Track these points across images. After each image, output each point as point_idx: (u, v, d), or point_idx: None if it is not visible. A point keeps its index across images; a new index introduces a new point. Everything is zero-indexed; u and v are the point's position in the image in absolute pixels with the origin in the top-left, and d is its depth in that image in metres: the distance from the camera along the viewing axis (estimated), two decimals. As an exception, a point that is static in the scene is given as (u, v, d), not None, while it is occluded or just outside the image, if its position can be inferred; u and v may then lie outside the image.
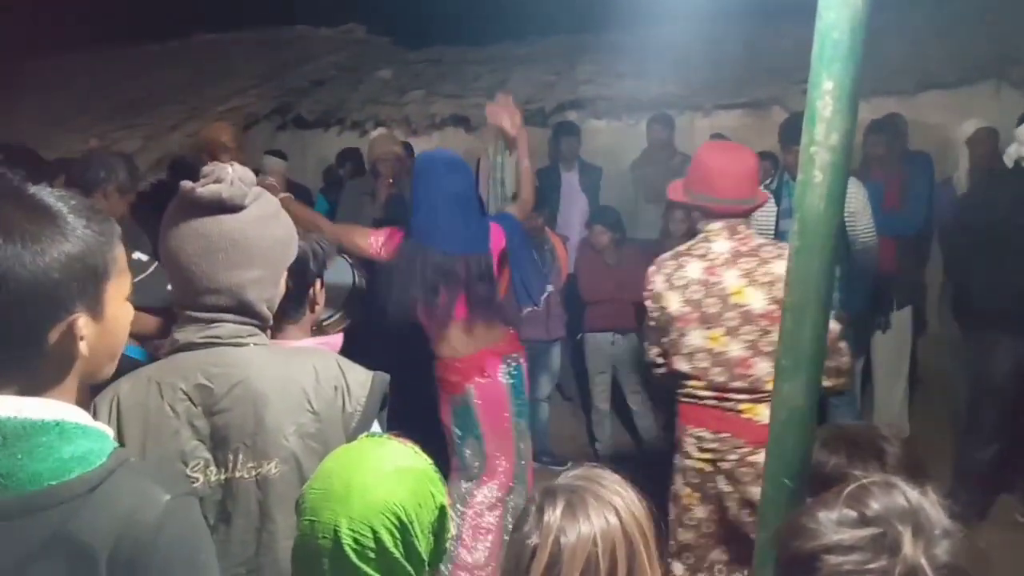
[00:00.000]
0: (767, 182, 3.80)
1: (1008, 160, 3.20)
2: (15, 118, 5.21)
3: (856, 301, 3.35)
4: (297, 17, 7.43)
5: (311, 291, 1.62)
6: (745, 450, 2.08)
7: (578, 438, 4.41)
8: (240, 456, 1.15)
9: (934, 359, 4.55)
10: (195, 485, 1.13)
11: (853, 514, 0.81)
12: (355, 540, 0.97)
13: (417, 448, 1.10)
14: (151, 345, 2.15)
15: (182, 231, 1.18)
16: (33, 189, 0.86)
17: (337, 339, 1.65)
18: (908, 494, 0.82)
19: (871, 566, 0.76)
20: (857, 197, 3.26)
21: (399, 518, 0.99)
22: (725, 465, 2.11)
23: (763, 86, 4.99)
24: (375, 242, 2.69)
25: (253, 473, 1.16)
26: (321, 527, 0.99)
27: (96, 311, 0.88)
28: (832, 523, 0.81)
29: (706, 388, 2.12)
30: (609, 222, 4.11)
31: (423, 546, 1.03)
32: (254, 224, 1.20)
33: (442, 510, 1.07)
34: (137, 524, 0.83)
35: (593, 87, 5.43)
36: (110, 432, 0.92)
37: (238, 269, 1.18)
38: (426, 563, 1.04)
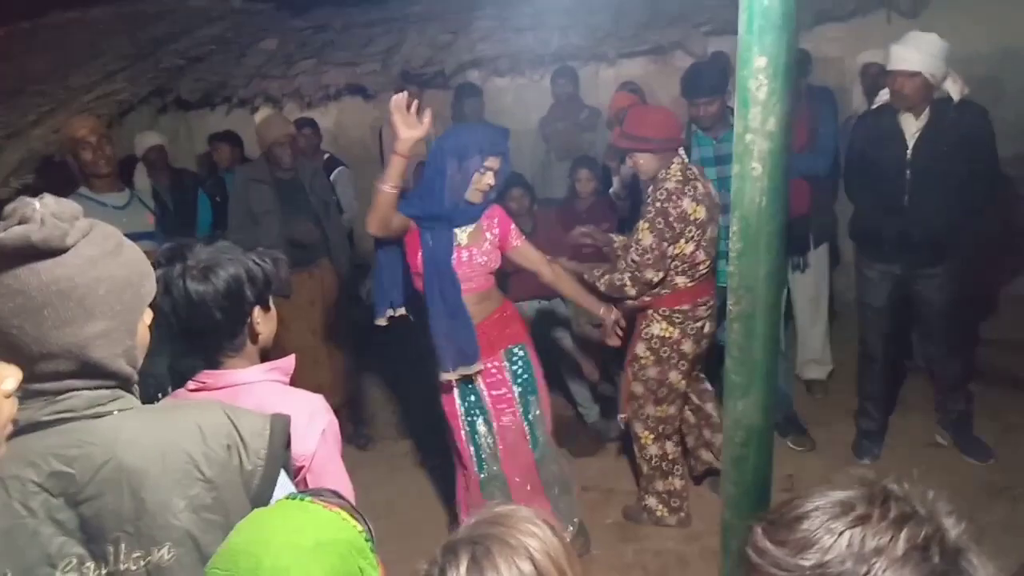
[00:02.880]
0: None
1: (878, 100, 3.30)
2: None
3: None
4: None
5: (248, 320, 1.42)
6: None
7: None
8: (122, 546, 0.97)
9: (850, 292, 4.69)
10: None
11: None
12: None
13: (345, 511, 0.95)
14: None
15: None
16: None
17: (288, 362, 1.46)
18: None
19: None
20: None
21: None
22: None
23: (664, 31, 4.89)
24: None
25: (141, 563, 0.98)
26: None
27: None
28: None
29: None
30: (524, 186, 3.99)
31: None
32: (84, 267, 0.97)
33: None
34: None
35: (492, 44, 5.21)
36: None
37: (72, 326, 0.96)
38: None
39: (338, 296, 4.06)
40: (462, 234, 2.68)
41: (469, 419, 2.80)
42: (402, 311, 2.84)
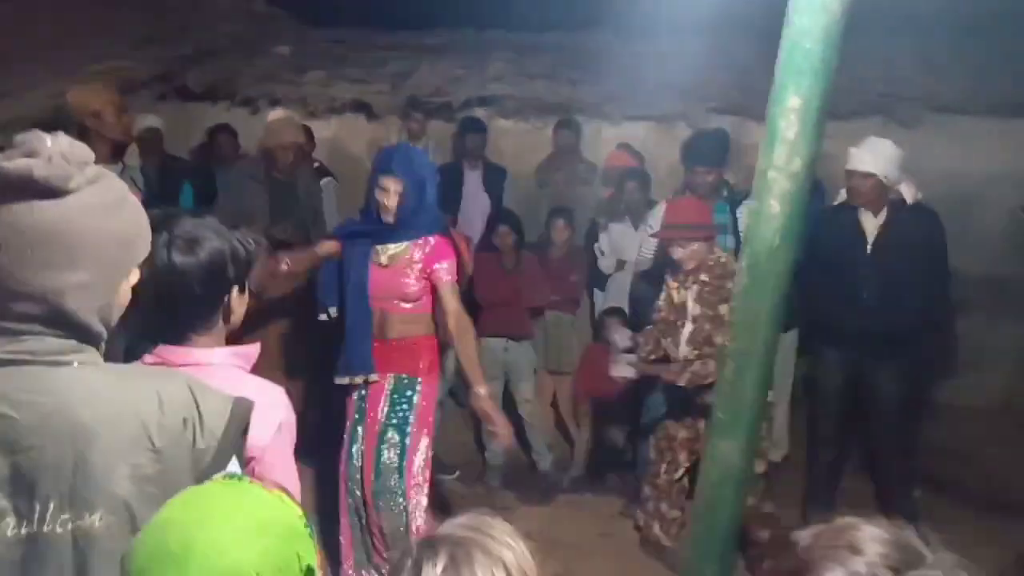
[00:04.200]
0: (669, 198, 3.79)
1: (839, 199, 3.47)
2: None
3: None
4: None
5: (226, 298, 1.39)
6: None
7: (468, 445, 4.26)
8: (51, 505, 0.92)
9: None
10: None
11: (886, 572, 0.72)
12: None
13: (283, 494, 0.92)
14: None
15: None
16: None
17: (252, 349, 1.42)
18: (902, 532, 0.77)
19: None
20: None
21: None
22: None
23: (670, 101, 5.01)
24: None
25: (69, 526, 0.92)
26: None
27: None
28: None
29: None
30: (513, 224, 4.01)
31: None
32: (82, 214, 0.94)
33: (309, 573, 0.89)
34: None
35: (503, 85, 5.29)
36: None
37: (55, 270, 0.93)
38: None
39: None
40: (383, 254, 2.78)
41: (357, 416, 2.86)
42: (334, 312, 2.94)
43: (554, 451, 4.14)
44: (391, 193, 2.66)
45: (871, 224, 3.26)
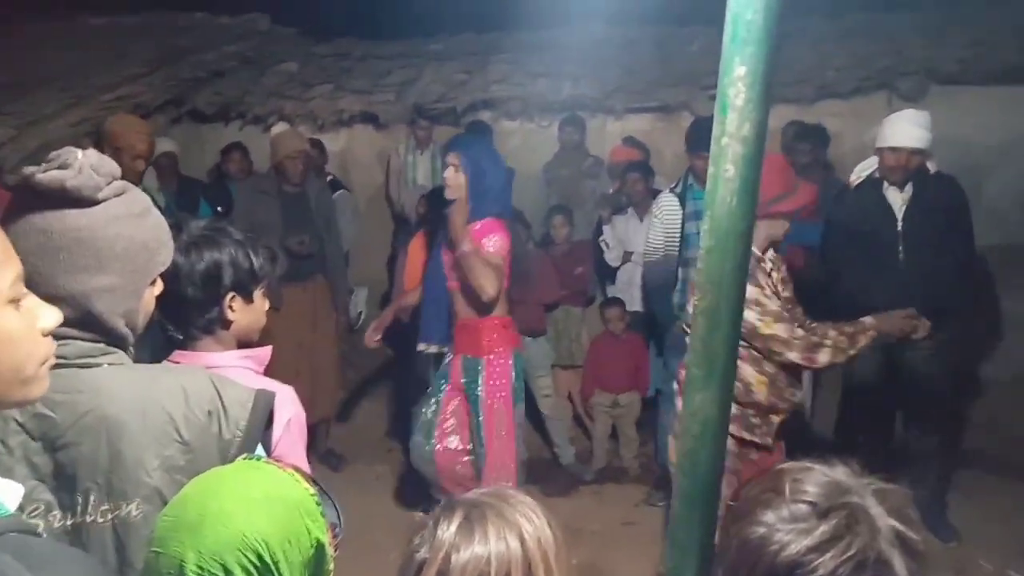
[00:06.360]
0: (672, 186, 3.81)
1: (855, 177, 3.36)
2: None
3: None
4: (196, 4, 7.02)
5: (221, 304, 1.41)
6: None
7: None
8: (92, 497, 0.99)
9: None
10: None
11: (804, 508, 0.78)
12: None
13: (299, 475, 0.98)
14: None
15: (20, 224, 0.99)
16: None
17: (264, 352, 1.45)
18: (830, 469, 0.83)
19: (852, 550, 0.75)
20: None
21: (259, 555, 0.86)
22: None
23: (673, 90, 5.04)
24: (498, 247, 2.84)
25: (109, 516, 1.00)
26: (165, 561, 0.86)
27: None
28: (790, 525, 0.77)
29: None
30: (521, 223, 4.08)
31: None
32: (108, 222, 1.02)
33: (319, 548, 0.94)
34: None
35: (506, 87, 5.36)
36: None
37: (83, 273, 1.01)
38: None
39: (329, 314, 4.10)
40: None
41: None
42: (436, 349, 3.13)
43: (575, 444, 4.18)
44: (451, 168, 2.85)
45: (898, 199, 3.17)
